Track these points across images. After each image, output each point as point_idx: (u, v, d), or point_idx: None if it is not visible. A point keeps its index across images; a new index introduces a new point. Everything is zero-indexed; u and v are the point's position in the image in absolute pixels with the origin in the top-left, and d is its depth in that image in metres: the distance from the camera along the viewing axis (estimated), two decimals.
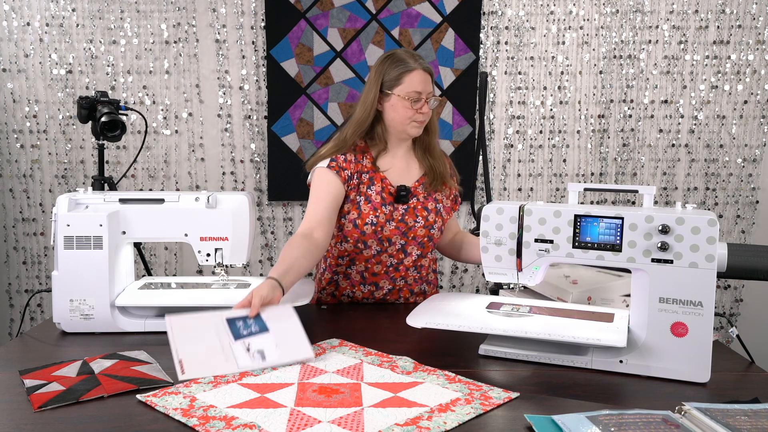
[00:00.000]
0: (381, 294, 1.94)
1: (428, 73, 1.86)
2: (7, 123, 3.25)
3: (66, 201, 1.62)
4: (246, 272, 3.34)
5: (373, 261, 1.91)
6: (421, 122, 1.88)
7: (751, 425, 1.04)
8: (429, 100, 1.86)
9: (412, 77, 1.83)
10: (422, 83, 1.84)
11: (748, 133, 3.31)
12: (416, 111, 1.85)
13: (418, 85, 1.83)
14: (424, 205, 1.92)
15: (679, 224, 1.29)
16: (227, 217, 1.68)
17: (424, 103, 1.85)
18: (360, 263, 1.92)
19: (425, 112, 1.86)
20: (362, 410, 1.13)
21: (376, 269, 1.92)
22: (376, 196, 1.87)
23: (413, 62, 1.84)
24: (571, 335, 1.32)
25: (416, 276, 1.96)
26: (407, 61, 1.84)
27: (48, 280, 3.35)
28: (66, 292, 1.57)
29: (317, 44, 3.23)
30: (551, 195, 3.37)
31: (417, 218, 1.89)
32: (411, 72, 1.83)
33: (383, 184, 1.89)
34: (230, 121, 3.29)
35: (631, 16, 3.24)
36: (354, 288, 1.94)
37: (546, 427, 1.06)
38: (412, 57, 1.86)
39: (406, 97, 1.83)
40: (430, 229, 1.91)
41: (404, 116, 1.86)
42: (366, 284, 1.93)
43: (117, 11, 3.20)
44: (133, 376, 1.28)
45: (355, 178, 1.87)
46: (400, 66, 1.84)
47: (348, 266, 1.93)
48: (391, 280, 1.93)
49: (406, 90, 1.83)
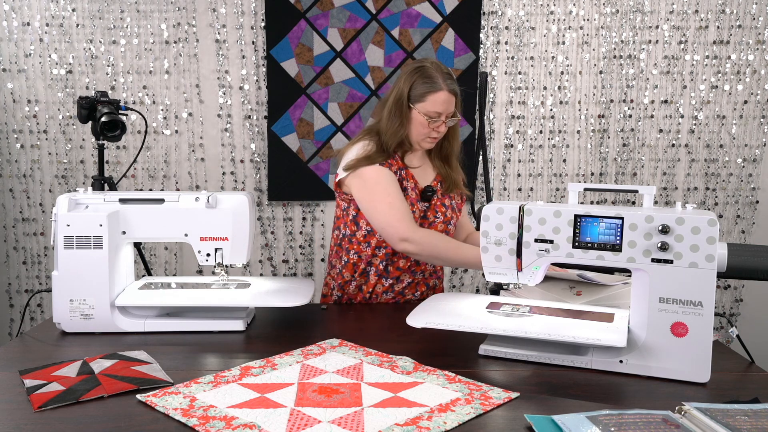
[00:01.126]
0: (401, 287, 1.97)
1: (453, 94, 1.87)
2: (7, 123, 3.25)
3: (66, 201, 1.62)
4: (246, 272, 3.34)
5: (399, 255, 1.94)
6: (434, 139, 1.91)
7: (751, 425, 1.04)
8: (447, 120, 1.88)
9: (436, 98, 1.84)
10: (444, 104, 1.85)
11: (748, 133, 3.31)
12: (432, 129, 1.87)
13: (440, 106, 1.84)
14: (443, 202, 1.97)
15: (679, 224, 1.29)
16: (227, 217, 1.68)
17: (442, 124, 1.87)
18: (381, 258, 1.95)
19: (441, 131, 1.88)
20: (362, 410, 1.13)
21: (401, 264, 1.95)
22: (411, 192, 1.92)
23: (441, 82, 1.84)
24: (571, 335, 1.32)
25: (431, 270, 2.02)
26: (435, 79, 1.84)
27: (48, 280, 3.35)
28: (66, 292, 1.57)
29: (317, 44, 3.23)
30: (551, 195, 3.37)
31: (437, 214, 1.95)
32: (436, 93, 1.84)
33: (414, 181, 1.94)
34: (230, 121, 3.29)
35: (631, 16, 3.24)
36: (377, 283, 1.97)
37: (546, 427, 1.06)
38: (442, 75, 1.86)
39: (426, 115, 1.85)
40: (448, 224, 1.98)
41: (420, 132, 1.89)
42: (388, 278, 1.96)
43: (117, 11, 3.20)
44: (133, 376, 1.28)
45: (398, 173, 1.91)
46: (428, 83, 1.85)
47: (370, 261, 1.96)
48: (411, 274, 1.97)
49: (427, 109, 1.85)
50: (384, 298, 1.98)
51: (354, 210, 1.94)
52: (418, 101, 1.85)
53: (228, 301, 1.63)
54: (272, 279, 1.84)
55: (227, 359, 1.42)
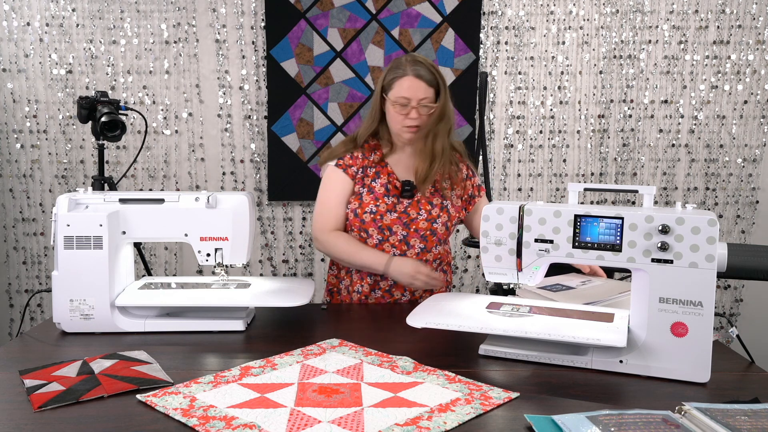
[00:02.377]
0: (387, 285, 1.97)
1: (420, 79, 1.85)
2: (7, 123, 3.25)
3: (66, 201, 1.62)
4: (246, 272, 3.34)
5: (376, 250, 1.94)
6: (410, 128, 1.89)
7: (751, 425, 1.04)
8: (421, 107, 1.86)
9: (401, 83, 1.86)
10: (410, 89, 1.85)
11: (748, 133, 3.31)
12: (405, 116, 1.87)
13: (406, 91, 1.85)
14: (429, 200, 1.96)
15: (679, 224, 1.29)
16: (227, 217, 1.68)
17: (411, 110, 1.86)
18: None
19: (413, 117, 1.87)
20: (362, 410, 1.13)
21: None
22: (380, 187, 1.93)
23: (407, 68, 1.86)
24: (571, 335, 1.32)
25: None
26: (402, 66, 1.88)
27: (48, 280, 3.35)
28: (66, 292, 1.57)
29: (317, 44, 3.23)
30: (551, 195, 3.37)
31: (420, 211, 1.93)
32: (401, 78, 1.86)
33: (389, 178, 1.95)
34: (230, 121, 3.29)
35: (631, 16, 3.24)
36: (362, 281, 1.98)
37: (546, 427, 1.06)
38: (410, 63, 1.87)
39: (395, 102, 1.87)
40: (433, 222, 1.94)
41: (395, 121, 1.90)
42: (371, 275, 1.97)
43: (117, 11, 3.20)
44: (133, 376, 1.28)
45: (361, 172, 1.95)
46: (395, 71, 1.89)
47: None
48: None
49: (395, 95, 1.87)
50: (374, 296, 1.98)
51: None
52: (389, 90, 1.89)
53: (228, 301, 1.63)
54: (272, 279, 1.84)
55: (227, 359, 1.42)
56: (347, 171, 1.95)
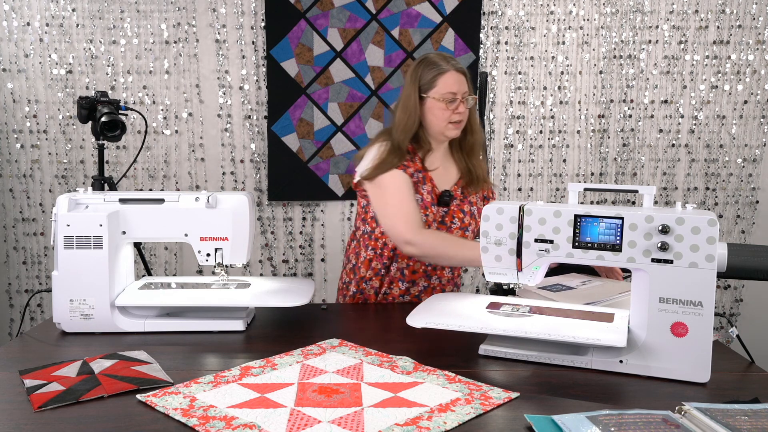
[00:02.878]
0: (417, 291, 1.97)
1: (461, 73, 1.87)
2: (7, 123, 3.25)
3: (66, 201, 1.62)
4: (246, 272, 3.34)
5: (415, 259, 1.93)
6: (457, 123, 1.89)
7: (751, 425, 1.04)
8: (465, 99, 1.87)
9: (445, 78, 1.85)
10: (456, 83, 1.85)
11: (748, 133, 3.31)
12: (452, 111, 1.86)
13: (453, 85, 1.85)
14: (461, 208, 1.96)
15: (679, 224, 1.29)
16: (227, 217, 1.68)
17: (460, 103, 1.86)
18: (402, 260, 1.95)
19: (461, 111, 1.87)
20: (362, 410, 1.13)
21: (416, 267, 1.95)
22: (427, 195, 1.91)
23: (446, 64, 1.86)
24: (571, 335, 1.32)
25: (449, 276, 2.01)
26: (439, 63, 1.86)
27: (48, 280, 3.35)
28: (66, 292, 1.57)
29: (317, 44, 3.23)
30: (551, 195, 3.37)
31: (454, 220, 1.94)
32: (444, 74, 1.85)
33: (432, 185, 1.93)
34: (230, 121, 3.29)
35: (631, 16, 3.24)
36: (392, 284, 1.97)
37: (546, 427, 1.06)
38: (444, 59, 1.88)
39: (441, 99, 1.85)
40: (465, 231, 1.96)
41: (441, 118, 1.87)
42: (404, 281, 1.96)
43: (117, 11, 3.20)
44: (133, 376, 1.28)
45: (414, 176, 1.91)
46: (433, 69, 1.86)
47: (391, 262, 1.96)
48: (427, 278, 1.97)
49: (440, 92, 1.85)
50: (402, 301, 1.98)
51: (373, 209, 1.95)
52: (430, 88, 1.86)
53: (228, 301, 1.63)
54: (272, 279, 1.84)
55: (227, 359, 1.42)
56: (406, 171, 1.89)
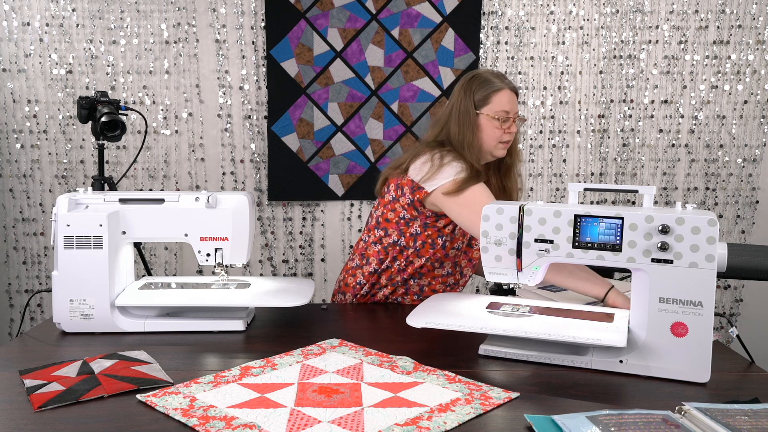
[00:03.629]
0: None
1: (515, 92, 1.85)
2: (7, 123, 3.25)
3: (66, 201, 1.62)
4: (246, 272, 3.34)
5: (438, 280, 1.92)
6: (507, 143, 1.86)
7: (751, 425, 1.04)
8: (516, 120, 1.85)
9: (500, 97, 1.82)
10: (510, 102, 1.83)
11: (748, 133, 3.31)
12: (504, 131, 1.83)
13: (507, 104, 1.82)
14: None
15: (679, 224, 1.29)
16: (227, 217, 1.68)
17: (512, 123, 1.84)
18: (426, 278, 1.92)
19: (512, 131, 1.84)
20: (362, 410, 1.13)
21: (438, 287, 1.94)
22: None
23: (500, 82, 1.83)
24: (571, 335, 1.32)
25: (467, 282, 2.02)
26: (494, 81, 1.83)
27: (48, 280, 3.35)
28: (66, 292, 1.57)
29: (317, 44, 3.23)
30: (551, 195, 3.37)
31: (476, 243, 1.92)
32: (499, 92, 1.82)
33: None
34: (230, 121, 3.29)
35: (631, 16, 3.24)
36: (406, 296, 1.95)
37: (546, 427, 1.06)
38: (498, 77, 1.85)
39: (495, 117, 1.81)
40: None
41: (492, 137, 1.83)
42: (421, 295, 1.93)
43: (117, 11, 3.20)
44: (133, 376, 1.28)
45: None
46: (487, 86, 1.83)
47: (412, 277, 1.92)
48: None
49: (494, 110, 1.82)
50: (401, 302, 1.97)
51: (419, 227, 1.85)
52: (483, 105, 1.82)
53: (228, 301, 1.63)
54: (272, 279, 1.84)
55: (227, 359, 1.42)
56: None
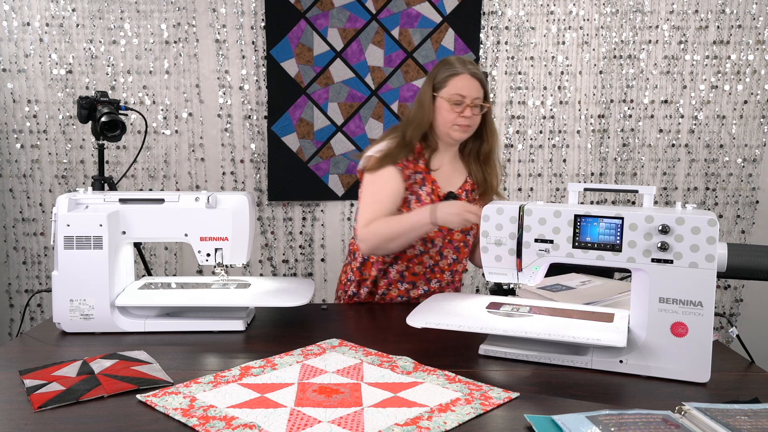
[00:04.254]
0: (416, 294, 1.96)
1: (476, 78, 1.86)
2: (7, 123, 3.25)
3: (66, 201, 1.62)
4: (246, 272, 3.34)
5: (415, 261, 1.93)
6: (463, 126, 1.87)
7: (751, 425, 1.04)
8: (477, 105, 1.86)
9: (456, 81, 1.84)
10: (467, 88, 1.84)
11: (748, 133, 3.31)
12: (458, 114, 1.85)
13: (463, 89, 1.84)
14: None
15: (679, 224, 1.29)
16: (227, 217, 1.68)
17: (466, 107, 1.84)
18: (402, 262, 1.94)
19: (467, 116, 1.85)
20: (362, 410, 1.13)
21: (417, 269, 1.94)
22: (426, 197, 1.89)
23: (461, 66, 1.86)
24: (571, 335, 1.32)
25: (449, 280, 2.00)
26: (455, 65, 1.86)
27: (48, 280, 3.35)
28: (66, 292, 1.57)
29: (317, 44, 3.23)
30: (551, 195, 3.37)
31: None
32: (457, 76, 1.85)
33: (433, 186, 1.91)
34: (230, 121, 3.29)
35: (631, 16, 3.24)
36: (390, 286, 1.96)
37: (546, 427, 1.06)
38: (462, 62, 1.87)
39: (449, 100, 1.84)
40: (467, 234, 1.95)
41: (446, 119, 1.86)
42: (404, 282, 1.95)
43: (117, 11, 3.20)
44: (133, 376, 1.28)
45: (411, 178, 1.89)
46: (448, 69, 1.86)
47: (391, 264, 1.95)
48: (427, 281, 1.96)
49: (449, 92, 1.84)
50: (400, 301, 1.97)
51: None
52: (441, 88, 1.86)
53: (228, 301, 1.63)
54: (272, 279, 1.84)
55: (227, 359, 1.42)
56: (403, 173, 1.88)
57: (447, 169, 1.95)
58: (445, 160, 1.95)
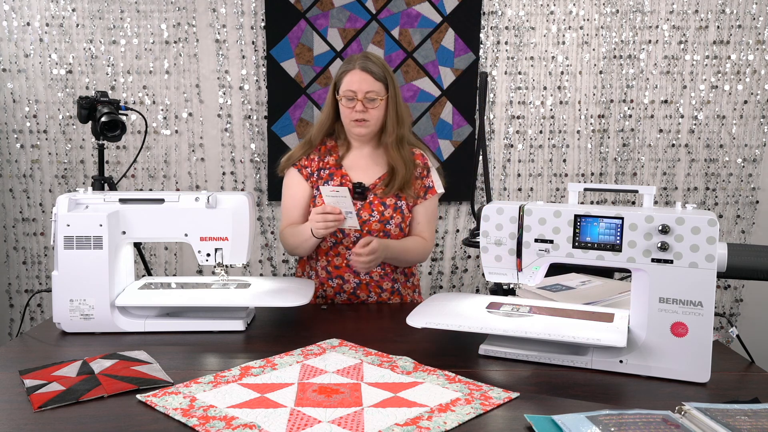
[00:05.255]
0: (350, 288, 1.97)
1: (366, 72, 1.89)
2: (7, 123, 3.25)
3: (66, 201, 1.62)
4: (246, 272, 3.34)
5: (332, 254, 1.96)
6: (358, 121, 1.91)
7: (751, 425, 1.04)
8: (370, 99, 1.89)
9: (347, 77, 1.90)
10: (356, 82, 1.88)
11: (748, 133, 3.31)
12: (351, 110, 1.90)
13: (352, 84, 1.89)
14: (382, 201, 1.96)
15: (679, 224, 1.29)
16: (227, 217, 1.68)
17: (357, 102, 1.88)
18: (322, 258, 1.98)
19: (358, 110, 1.89)
20: (362, 410, 1.13)
21: (337, 262, 1.96)
22: None
23: (353, 63, 1.91)
24: (571, 335, 1.32)
25: (381, 272, 1.98)
26: (349, 62, 1.92)
27: (48, 280, 3.35)
28: (66, 292, 1.57)
29: (317, 44, 3.23)
30: (551, 195, 3.37)
31: (373, 212, 1.94)
32: (347, 72, 1.91)
33: (342, 180, 1.96)
34: (230, 121, 3.29)
35: (631, 16, 3.24)
36: (324, 285, 1.98)
37: (546, 427, 1.06)
38: (357, 58, 1.92)
39: (343, 97, 1.90)
40: (386, 224, 1.95)
41: (345, 116, 1.94)
42: (333, 278, 1.97)
43: (117, 11, 3.20)
44: (133, 376, 1.28)
45: (315, 174, 1.98)
46: (343, 67, 1.94)
47: (316, 261, 2.00)
48: (356, 274, 1.97)
49: (343, 89, 1.91)
50: (339, 299, 1.98)
51: None
52: (339, 86, 1.93)
53: (228, 301, 1.63)
54: (272, 279, 1.85)
55: (227, 359, 1.42)
56: (302, 172, 1.98)
57: (364, 164, 2.00)
58: (364, 154, 2.01)
